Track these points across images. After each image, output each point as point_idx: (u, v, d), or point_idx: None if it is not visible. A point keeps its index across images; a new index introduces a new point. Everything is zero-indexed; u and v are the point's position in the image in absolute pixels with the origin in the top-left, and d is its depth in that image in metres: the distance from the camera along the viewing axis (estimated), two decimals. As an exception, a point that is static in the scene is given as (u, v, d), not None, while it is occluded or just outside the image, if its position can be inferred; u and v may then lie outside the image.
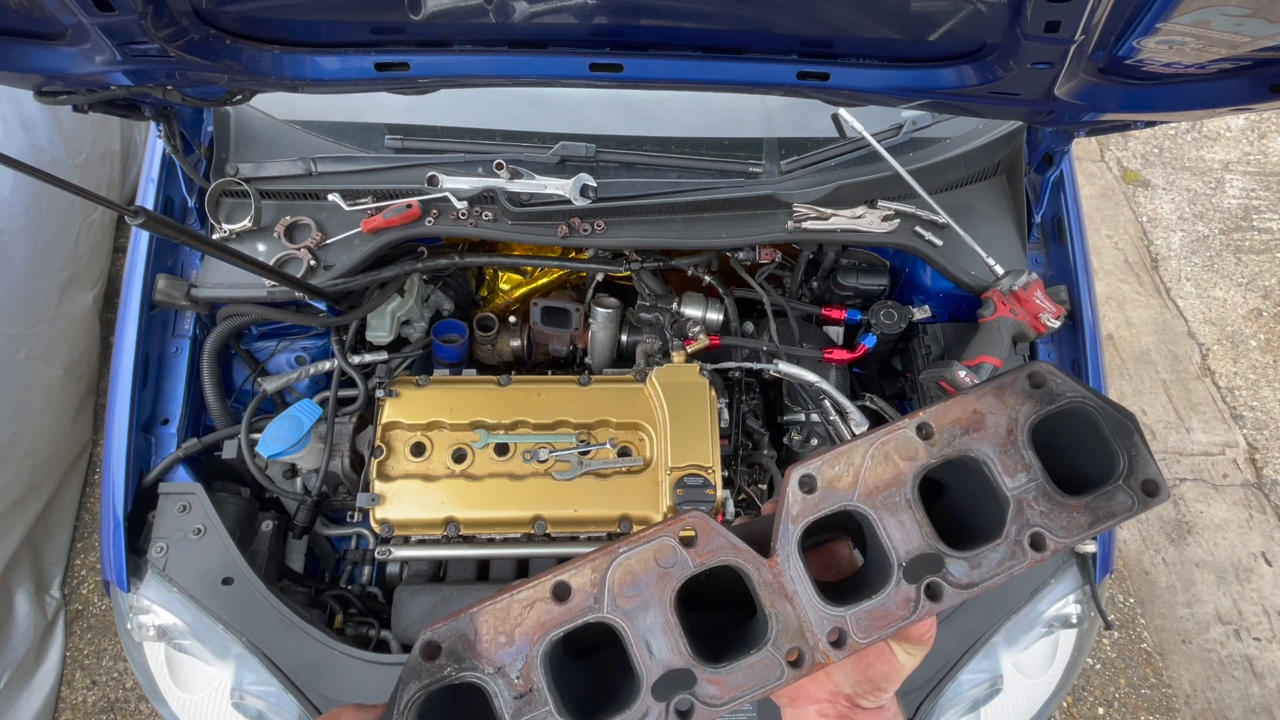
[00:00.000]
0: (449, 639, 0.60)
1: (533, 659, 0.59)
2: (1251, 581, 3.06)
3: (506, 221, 1.76)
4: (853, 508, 0.64)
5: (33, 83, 1.27)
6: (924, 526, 0.64)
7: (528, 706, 0.58)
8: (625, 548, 0.62)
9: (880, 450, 0.65)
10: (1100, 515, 0.64)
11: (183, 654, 1.58)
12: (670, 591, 0.61)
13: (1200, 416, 3.44)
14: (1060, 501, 0.64)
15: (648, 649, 0.60)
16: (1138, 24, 1.05)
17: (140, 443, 1.68)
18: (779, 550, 0.63)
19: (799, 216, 1.75)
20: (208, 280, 1.76)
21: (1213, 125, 4.35)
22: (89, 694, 2.72)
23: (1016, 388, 0.67)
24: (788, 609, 0.62)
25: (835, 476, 0.65)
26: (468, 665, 0.59)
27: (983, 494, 0.66)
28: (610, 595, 0.61)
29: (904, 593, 0.62)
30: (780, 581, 0.62)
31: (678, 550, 0.62)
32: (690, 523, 0.63)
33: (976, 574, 0.63)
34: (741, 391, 1.94)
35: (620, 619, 0.60)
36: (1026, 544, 0.63)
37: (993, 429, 0.66)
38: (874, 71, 1.30)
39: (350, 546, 1.93)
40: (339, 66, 1.30)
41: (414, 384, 1.80)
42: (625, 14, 1.24)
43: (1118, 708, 2.83)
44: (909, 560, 0.63)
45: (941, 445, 0.65)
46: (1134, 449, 0.64)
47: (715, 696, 0.59)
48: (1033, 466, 0.65)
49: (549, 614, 0.60)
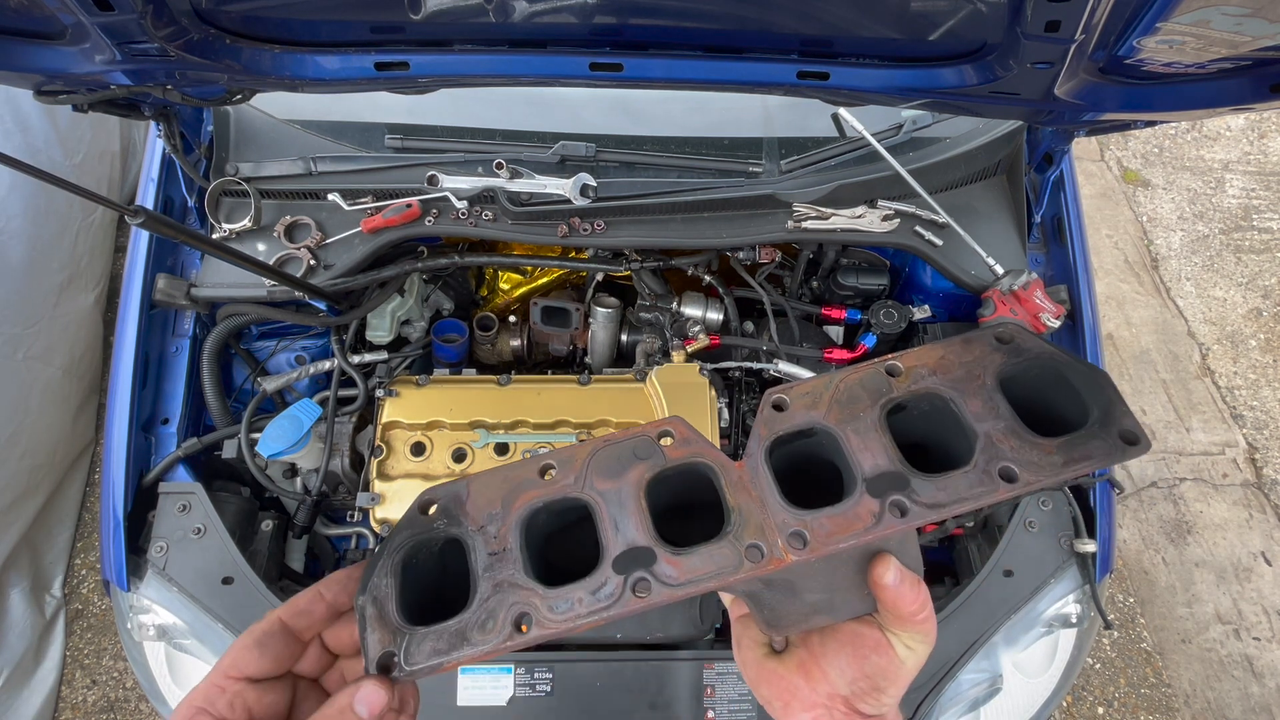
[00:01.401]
0: (444, 498, 0.67)
1: (510, 522, 0.64)
2: (1251, 581, 3.07)
3: (506, 221, 1.76)
4: (820, 425, 0.66)
5: (32, 82, 1.27)
6: (890, 449, 0.65)
7: (499, 563, 0.63)
8: (607, 440, 0.67)
9: (849, 382, 0.68)
10: (1075, 456, 0.63)
11: (183, 653, 1.58)
12: (642, 480, 0.65)
13: (1200, 416, 3.44)
14: (1031, 440, 0.64)
15: (615, 526, 0.64)
16: (1138, 23, 1.05)
17: (140, 442, 1.68)
18: (749, 456, 0.66)
19: (799, 216, 1.75)
20: (208, 280, 1.76)
21: (1213, 125, 4.35)
22: (89, 693, 2.72)
23: (983, 340, 0.69)
24: (751, 506, 0.64)
25: (806, 402, 0.68)
26: (454, 522, 0.65)
27: (954, 435, 0.67)
28: (589, 477, 0.66)
29: (867, 505, 0.63)
30: (745, 483, 0.65)
31: (654, 445, 0.67)
32: (669, 424, 0.68)
33: (943, 495, 0.62)
34: (741, 391, 1.94)
35: (594, 496, 0.65)
36: (996, 474, 0.63)
37: (961, 373, 0.67)
38: (874, 71, 1.30)
39: (350, 546, 1.93)
40: (339, 66, 1.30)
41: (414, 384, 1.80)
42: (625, 14, 1.24)
43: (1117, 707, 2.83)
44: (874, 476, 0.64)
45: (910, 384, 0.67)
46: (1107, 401, 0.64)
47: (672, 577, 0.62)
48: (1001, 408, 0.65)
49: (533, 486, 0.66)
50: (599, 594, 0.61)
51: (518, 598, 0.61)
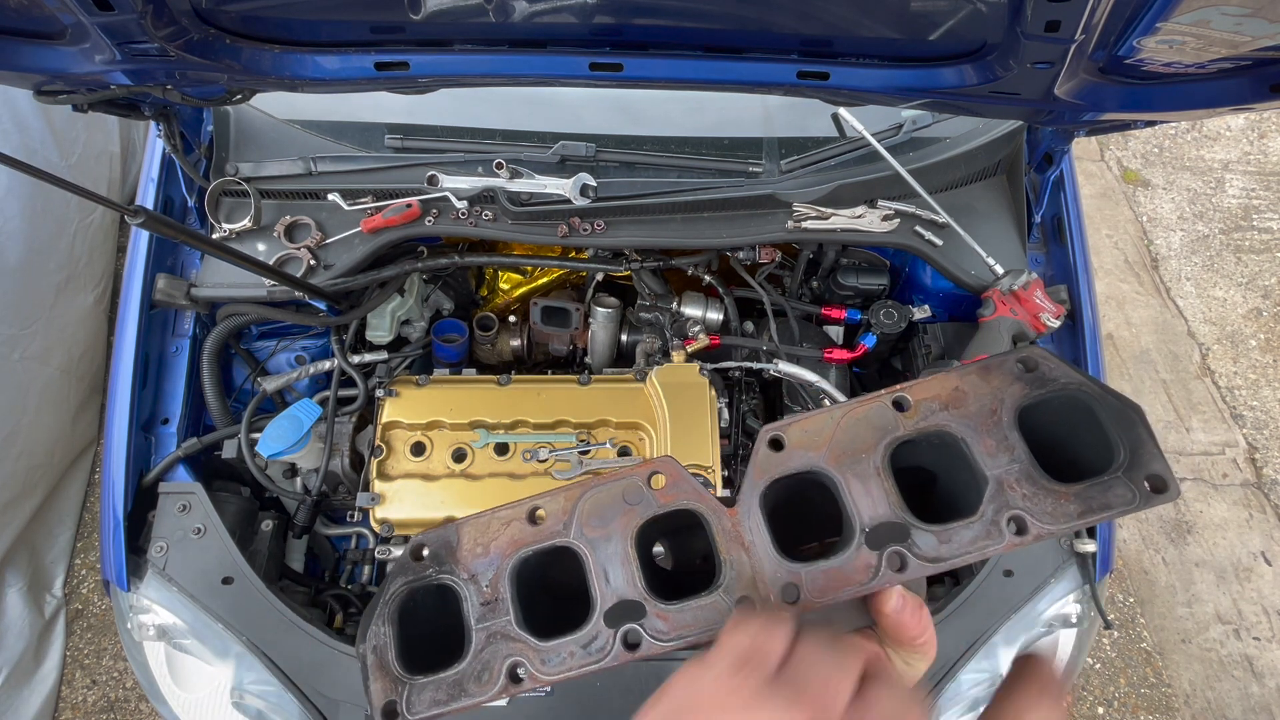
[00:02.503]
0: (435, 544, 0.66)
1: (502, 571, 0.64)
2: (1251, 581, 3.07)
3: (506, 221, 1.75)
4: (818, 469, 0.64)
5: (32, 82, 1.27)
6: (891, 496, 0.62)
7: (491, 613, 0.63)
8: (597, 484, 0.66)
9: (852, 418, 0.65)
10: (1093, 505, 0.59)
11: (183, 653, 1.58)
12: (633, 527, 0.64)
13: (1200, 416, 3.44)
14: (1047, 487, 0.61)
15: (605, 577, 0.63)
16: (1138, 23, 1.05)
17: (140, 442, 1.68)
18: (741, 502, 0.65)
19: (799, 216, 1.75)
20: (208, 280, 1.76)
21: (1213, 125, 4.35)
22: (89, 693, 2.72)
23: (1005, 369, 0.65)
24: (742, 557, 0.63)
25: (805, 440, 0.65)
26: (447, 569, 0.65)
27: (961, 475, 0.64)
28: (578, 523, 0.65)
29: (865, 558, 0.61)
30: (738, 531, 0.64)
31: (644, 490, 0.66)
32: (660, 465, 0.66)
33: (945, 549, 0.60)
34: (741, 391, 1.94)
35: (583, 545, 0.64)
36: (1005, 525, 0.60)
37: (975, 408, 0.64)
38: (874, 71, 1.30)
39: (350, 546, 1.93)
40: (339, 66, 1.30)
41: (414, 383, 1.80)
42: (625, 13, 1.24)
43: (1117, 707, 2.83)
44: (873, 527, 0.62)
45: (918, 419, 0.64)
46: (1137, 441, 0.60)
47: (663, 632, 0.61)
48: (1017, 448, 0.62)
49: (522, 533, 0.65)
50: (590, 648, 0.61)
51: (511, 649, 0.62)
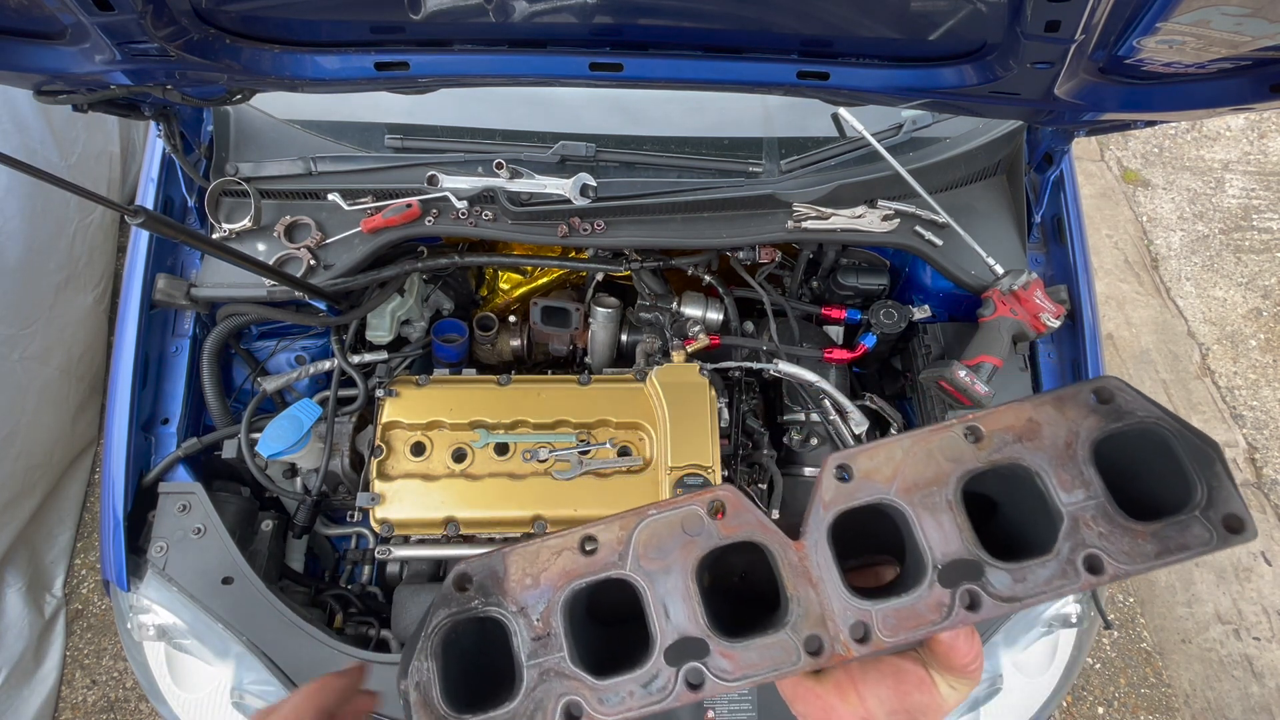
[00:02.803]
0: (480, 573, 0.62)
1: (554, 604, 0.60)
2: (1251, 581, 3.07)
3: (506, 221, 1.76)
4: (889, 501, 0.61)
5: (32, 82, 1.27)
6: (965, 531, 0.59)
7: (543, 649, 0.60)
8: (654, 510, 0.62)
9: (923, 448, 0.62)
10: (1170, 546, 0.57)
11: (183, 653, 1.58)
12: (694, 559, 0.61)
13: (1200, 416, 3.44)
14: (1124, 525, 0.58)
15: (665, 612, 0.60)
16: (1138, 23, 1.05)
17: (140, 442, 1.68)
18: (808, 535, 0.61)
19: (799, 216, 1.75)
20: (208, 280, 1.76)
21: (1213, 125, 4.35)
22: (89, 693, 2.72)
23: (1080, 400, 0.62)
24: (810, 594, 0.60)
25: (873, 469, 0.62)
26: (493, 601, 0.61)
27: (1035, 510, 0.62)
28: (634, 555, 0.61)
29: (937, 596, 0.58)
30: (805, 565, 0.60)
31: (705, 520, 0.62)
32: (721, 495, 0.62)
33: (1020, 588, 0.58)
34: (741, 391, 1.94)
35: (641, 578, 0.61)
36: (1080, 564, 0.57)
37: (1049, 440, 0.61)
38: (874, 71, 1.30)
39: (350, 546, 1.93)
40: (339, 66, 1.30)
41: (414, 383, 1.80)
42: (625, 13, 1.24)
43: (1117, 707, 2.83)
44: (945, 564, 0.59)
45: (991, 451, 0.61)
46: (1215, 479, 0.58)
47: (727, 671, 0.58)
48: (1093, 484, 0.59)
49: (574, 564, 0.61)
50: (650, 687, 0.58)
51: (565, 688, 0.58)
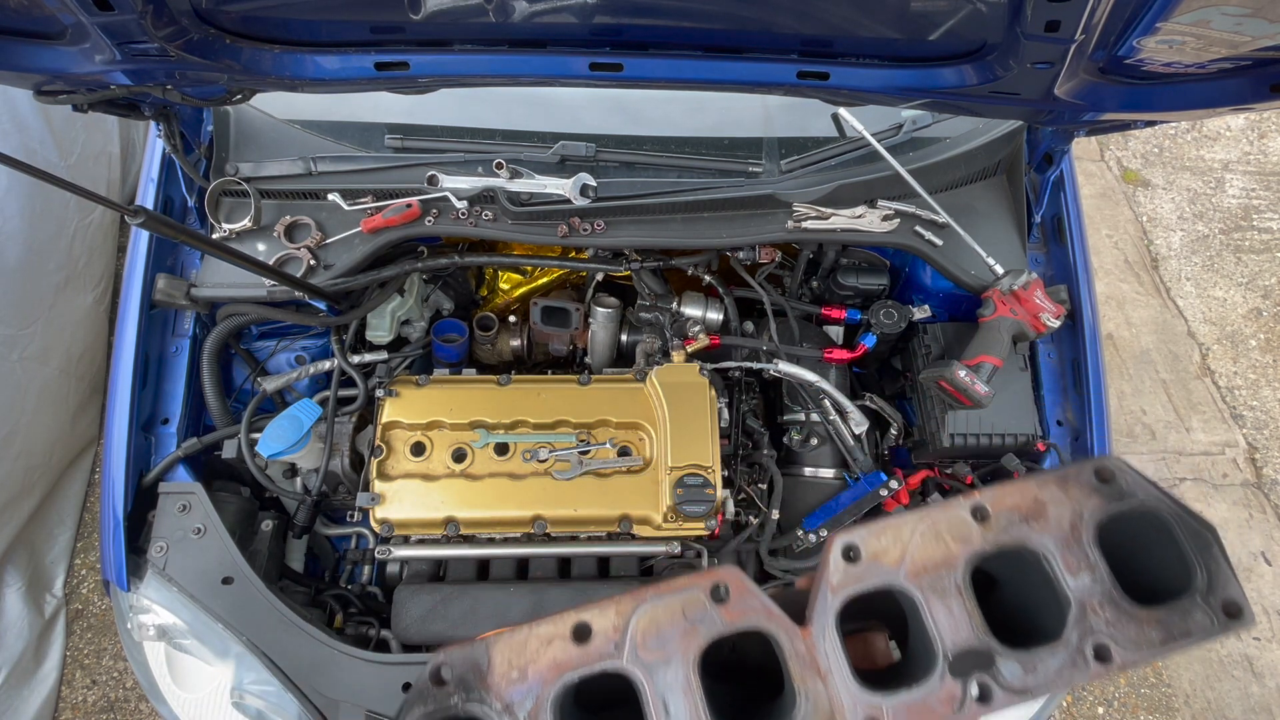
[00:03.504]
0: (460, 665, 0.57)
1: (543, 701, 0.56)
2: (1251, 581, 3.06)
3: (506, 221, 1.75)
4: (899, 586, 0.59)
5: (32, 82, 1.27)
6: (975, 617, 0.58)
7: None
8: (653, 594, 0.58)
9: (931, 528, 0.60)
10: (1174, 633, 0.57)
11: (183, 653, 1.58)
12: (696, 649, 0.57)
13: (1200, 416, 3.44)
14: (1129, 611, 0.58)
15: (664, 709, 0.56)
16: (1138, 24, 1.05)
17: (140, 442, 1.68)
18: (815, 621, 0.58)
19: (799, 216, 1.75)
20: (208, 280, 1.76)
21: (1213, 125, 4.35)
22: (89, 693, 2.72)
23: (1082, 480, 0.62)
24: (819, 687, 0.57)
25: (881, 550, 0.60)
26: (475, 697, 0.56)
27: (1042, 591, 0.61)
28: (632, 644, 0.57)
29: (949, 688, 0.57)
30: (814, 655, 0.57)
31: (708, 606, 0.58)
32: (724, 576, 0.59)
33: (1031, 679, 0.57)
34: (741, 391, 1.94)
35: (639, 671, 0.57)
36: (1089, 653, 0.57)
37: (1055, 521, 0.60)
38: (874, 71, 1.30)
39: (350, 546, 1.93)
40: (339, 66, 1.30)
41: (414, 383, 1.80)
42: (625, 13, 1.24)
43: (1117, 707, 2.83)
44: (956, 653, 0.57)
45: (998, 531, 0.60)
46: (1213, 563, 0.59)
47: None
48: (1098, 568, 0.59)
49: (566, 654, 0.57)
50: None
51: None
